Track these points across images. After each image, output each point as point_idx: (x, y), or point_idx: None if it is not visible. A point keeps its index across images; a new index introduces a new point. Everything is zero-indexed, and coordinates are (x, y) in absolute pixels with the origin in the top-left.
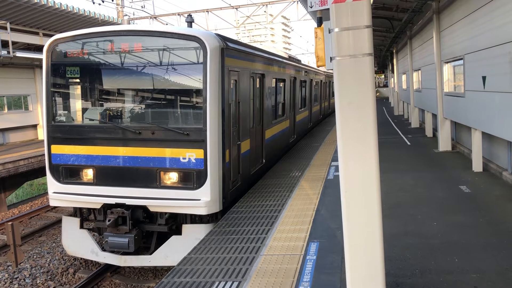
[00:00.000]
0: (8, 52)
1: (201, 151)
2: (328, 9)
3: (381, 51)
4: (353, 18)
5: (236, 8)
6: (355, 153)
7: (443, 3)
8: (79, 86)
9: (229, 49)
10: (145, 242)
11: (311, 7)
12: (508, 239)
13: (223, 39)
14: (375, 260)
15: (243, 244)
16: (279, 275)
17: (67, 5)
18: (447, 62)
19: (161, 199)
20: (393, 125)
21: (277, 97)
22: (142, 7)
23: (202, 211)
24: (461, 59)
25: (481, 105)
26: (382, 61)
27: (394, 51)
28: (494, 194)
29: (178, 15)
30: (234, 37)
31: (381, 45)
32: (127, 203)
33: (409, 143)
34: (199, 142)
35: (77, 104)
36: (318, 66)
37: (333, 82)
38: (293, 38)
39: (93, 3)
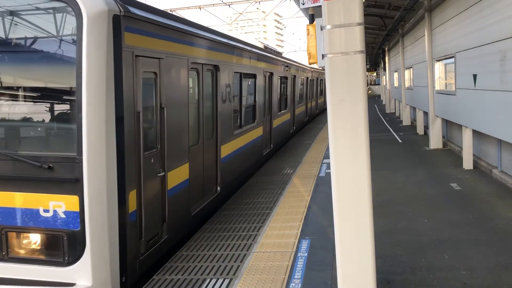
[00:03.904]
0: None
1: (74, 199)
2: (320, 6)
3: (373, 49)
4: (345, 15)
5: (229, 5)
6: (346, 151)
7: (434, 1)
8: None
9: (135, 20)
10: None
11: (303, 4)
12: (497, 236)
13: (124, 1)
14: (366, 257)
15: (235, 241)
16: (270, 272)
17: None
18: (439, 60)
19: (8, 283)
20: (385, 122)
21: (243, 98)
22: None
23: None
24: (452, 57)
25: (471, 103)
26: (374, 59)
27: (386, 49)
28: (484, 192)
29: (171, 11)
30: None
31: (373, 43)
32: None
33: (400, 141)
34: (71, 182)
35: None
36: (310, 63)
37: (321, 79)
38: (286, 35)
39: None
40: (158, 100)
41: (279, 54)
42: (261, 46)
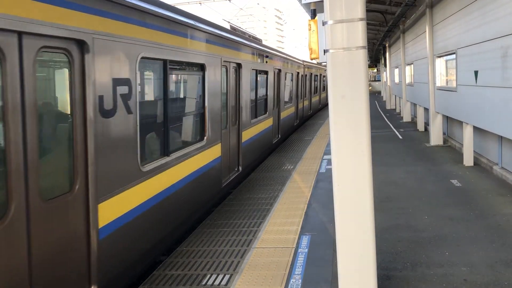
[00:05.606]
0: None
1: None
2: (322, 1)
3: (374, 45)
4: (347, 10)
5: (229, 0)
6: (347, 147)
7: None
8: None
9: None
10: None
11: None
12: (497, 232)
13: None
14: (367, 253)
15: (235, 237)
16: (270, 268)
17: None
18: (440, 57)
19: None
20: (385, 119)
21: (171, 104)
22: None
23: None
24: (454, 53)
25: (472, 99)
26: (375, 55)
27: (387, 45)
28: (484, 188)
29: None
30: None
31: (374, 39)
32: None
33: (401, 137)
34: None
35: None
36: (311, 59)
37: (316, 75)
38: (286, 31)
39: None
40: None
41: (256, 40)
42: (227, 26)
